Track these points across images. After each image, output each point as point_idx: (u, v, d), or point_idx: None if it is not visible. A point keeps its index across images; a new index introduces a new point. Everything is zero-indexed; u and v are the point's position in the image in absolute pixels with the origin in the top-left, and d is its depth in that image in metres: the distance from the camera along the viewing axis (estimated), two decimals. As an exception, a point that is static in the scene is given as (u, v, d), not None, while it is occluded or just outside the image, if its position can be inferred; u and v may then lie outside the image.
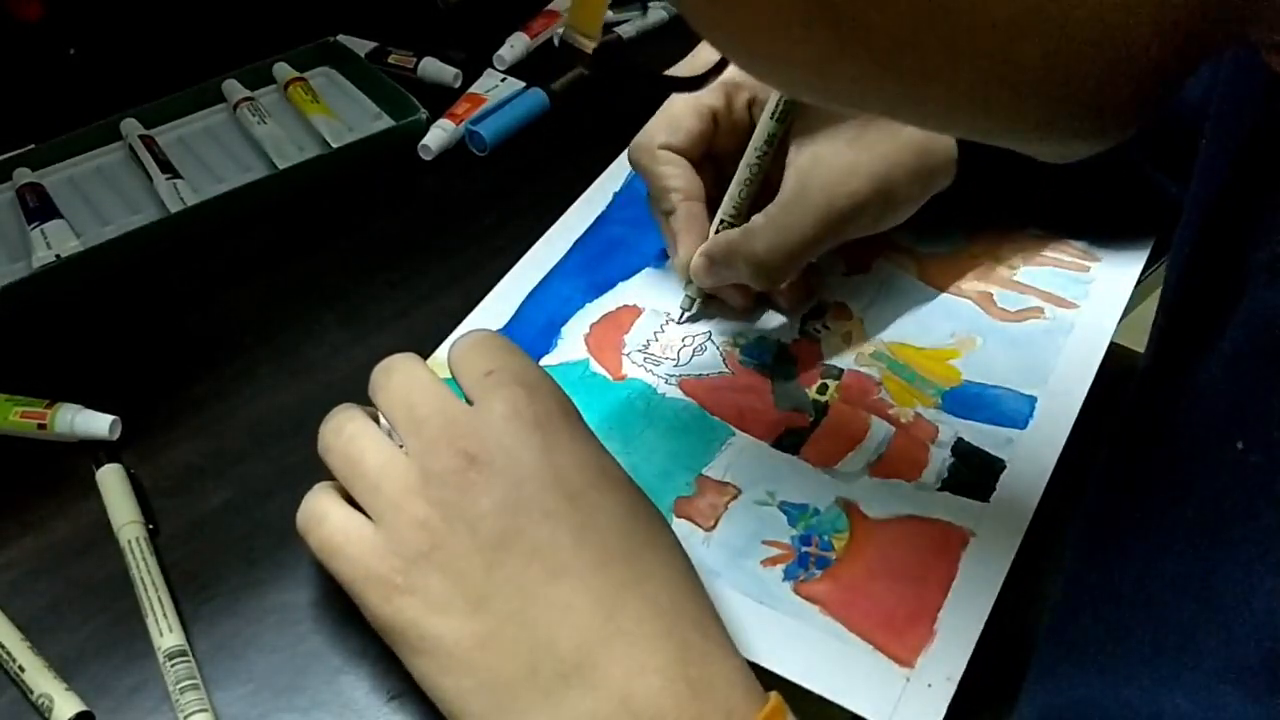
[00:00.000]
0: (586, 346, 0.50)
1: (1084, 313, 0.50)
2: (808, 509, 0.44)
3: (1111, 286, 0.51)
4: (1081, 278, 0.52)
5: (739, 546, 0.42)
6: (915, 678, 0.38)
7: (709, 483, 0.45)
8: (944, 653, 0.39)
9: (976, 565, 0.41)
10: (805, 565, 0.42)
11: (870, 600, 0.41)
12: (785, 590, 0.41)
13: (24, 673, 0.39)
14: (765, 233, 0.46)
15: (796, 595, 0.41)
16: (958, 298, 0.51)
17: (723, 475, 0.45)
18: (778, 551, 0.42)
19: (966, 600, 0.40)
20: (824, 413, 0.47)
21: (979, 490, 0.44)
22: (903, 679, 0.38)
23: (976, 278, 0.52)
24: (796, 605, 0.40)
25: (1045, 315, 0.50)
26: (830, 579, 0.41)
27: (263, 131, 0.61)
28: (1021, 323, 0.50)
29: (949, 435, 0.46)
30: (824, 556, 0.42)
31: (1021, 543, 0.42)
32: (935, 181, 0.48)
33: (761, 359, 0.49)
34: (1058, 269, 0.52)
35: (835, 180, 0.46)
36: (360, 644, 0.41)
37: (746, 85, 0.49)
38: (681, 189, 0.49)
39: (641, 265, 0.53)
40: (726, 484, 0.44)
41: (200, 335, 0.52)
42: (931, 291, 0.52)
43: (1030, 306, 0.51)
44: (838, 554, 0.42)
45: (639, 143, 0.50)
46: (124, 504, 0.44)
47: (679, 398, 0.47)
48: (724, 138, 0.50)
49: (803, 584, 0.41)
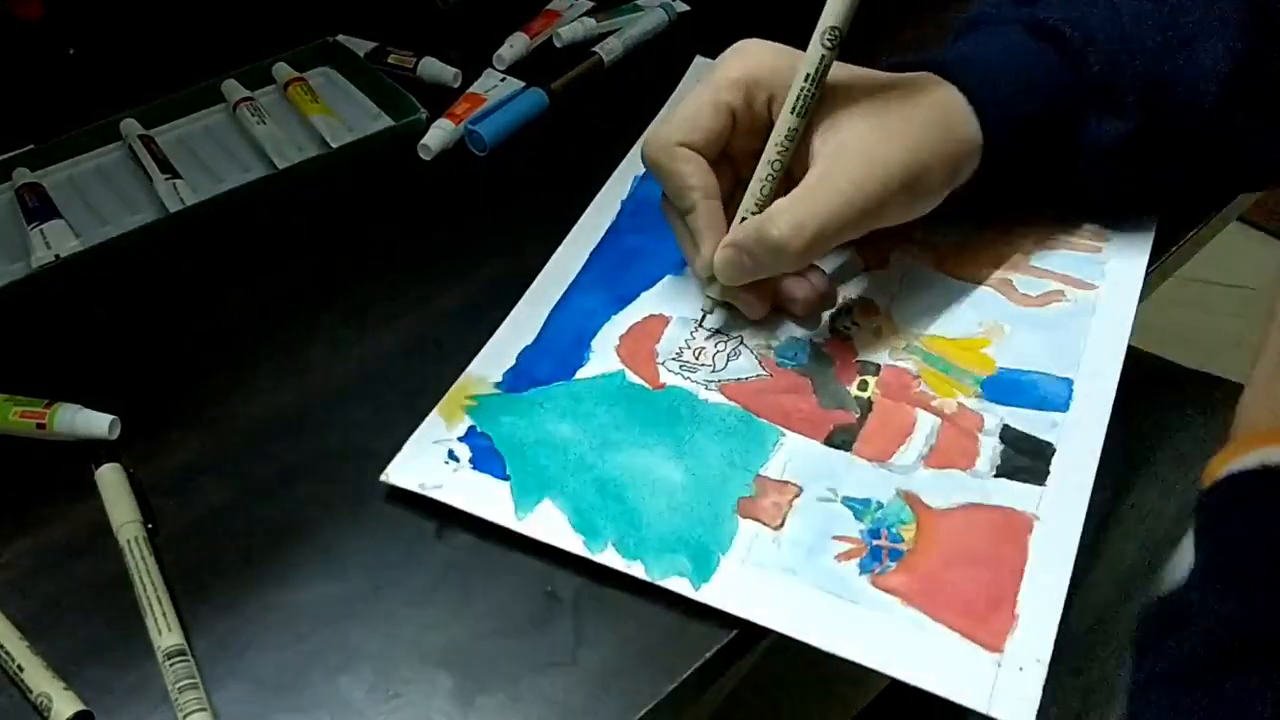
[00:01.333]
0: (619, 358, 0.49)
1: (1103, 293, 0.51)
2: (871, 503, 0.44)
3: (1126, 264, 0.52)
4: (1095, 258, 0.52)
5: (810, 544, 0.42)
6: (1006, 662, 0.39)
7: (769, 483, 0.44)
8: (1029, 635, 0.39)
9: (1045, 548, 0.42)
10: (879, 558, 0.42)
11: (949, 589, 0.41)
12: (864, 584, 0.41)
13: (23, 672, 0.39)
14: (788, 213, 0.45)
15: (875, 588, 0.41)
16: (980, 286, 0.52)
17: (781, 475, 0.45)
18: (849, 546, 0.42)
19: (1042, 583, 0.41)
20: (869, 409, 0.47)
21: (1034, 475, 0.44)
22: (994, 664, 0.39)
23: (994, 265, 0.53)
24: (877, 598, 0.41)
25: (1066, 298, 0.51)
26: (906, 570, 0.41)
27: (262, 131, 0.61)
28: (1044, 307, 0.51)
29: (994, 423, 0.46)
30: (895, 549, 0.42)
31: None
32: (962, 170, 0.48)
33: (798, 360, 0.49)
34: (1071, 251, 0.53)
35: (864, 168, 0.45)
36: (360, 643, 0.41)
37: (765, 83, 0.48)
38: (701, 187, 0.48)
39: (662, 273, 0.53)
40: (787, 483, 0.44)
41: (200, 335, 0.52)
42: (952, 281, 0.52)
43: (1050, 290, 0.51)
44: (908, 545, 0.42)
45: (655, 140, 0.48)
46: (123, 503, 0.44)
47: (723, 402, 0.47)
48: (741, 137, 0.49)
49: (879, 577, 0.41)
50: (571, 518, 0.43)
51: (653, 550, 0.42)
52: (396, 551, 0.43)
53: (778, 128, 0.47)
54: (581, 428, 0.46)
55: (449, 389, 0.48)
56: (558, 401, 0.47)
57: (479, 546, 0.43)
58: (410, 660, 0.40)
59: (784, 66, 0.47)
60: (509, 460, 0.45)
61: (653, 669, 0.39)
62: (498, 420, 0.46)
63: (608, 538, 0.42)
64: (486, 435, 0.46)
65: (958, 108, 0.48)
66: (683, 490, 0.44)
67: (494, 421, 0.46)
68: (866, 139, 0.46)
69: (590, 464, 0.45)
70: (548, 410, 0.47)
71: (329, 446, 0.46)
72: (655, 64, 0.50)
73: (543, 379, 0.48)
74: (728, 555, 0.42)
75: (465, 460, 0.45)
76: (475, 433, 0.46)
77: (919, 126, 0.47)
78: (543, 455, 0.45)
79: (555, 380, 0.48)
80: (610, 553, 0.42)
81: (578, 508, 0.43)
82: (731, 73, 0.48)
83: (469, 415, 0.47)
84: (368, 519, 0.44)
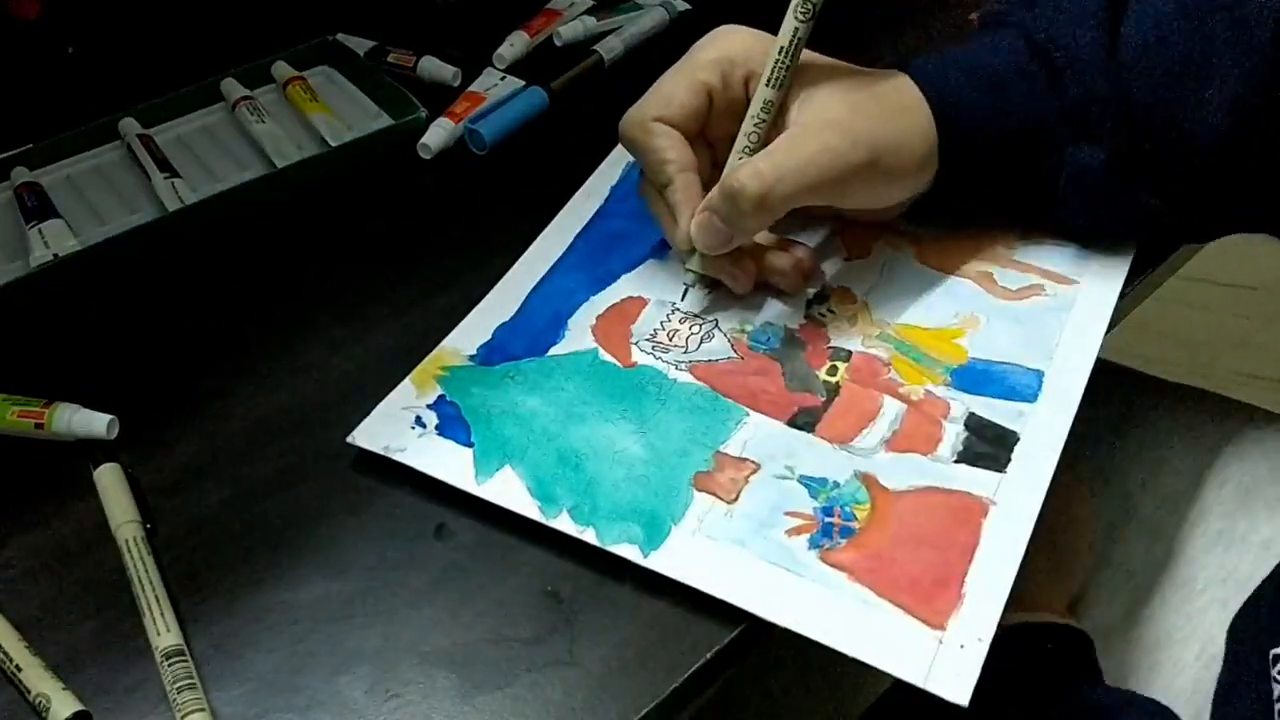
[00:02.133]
0: (594, 337, 0.50)
1: (1084, 288, 0.51)
2: (827, 482, 0.44)
3: (1109, 261, 0.52)
4: (1079, 253, 0.52)
5: (762, 518, 0.43)
6: (948, 639, 0.39)
7: (727, 459, 0.45)
8: (974, 614, 0.40)
9: (999, 532, 0.42)
10: (830, 534, 0.42)
11: (897, 566, 0.41)
12: (811, 558, 0.41)
13: (21, 672, 0.39)
14: (748, 164, 0.46)
15: (823, 563, 0.41)
16: (959, 278, 0.52)
17: (740, 452, 0.45)
18: (801, 522, 0.42)
19: (992, 565, 0.41)
20: (835, 393, 0.47)
21: (995, 462, 0.44)
22: (935, 640, 0.39)
23: (976, 258, 0.53)
24: (824, 572, 0.41)
25: (1046, 292, 0.51)
26: (855, 547, 0.42)
27: (261, 130, 0.61)
28: (1023, 300, 0.51)
29: (960, 411, 0.46)
30: (847, 526, 0.42)
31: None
32: (926, 168, 0.48)
33: (770, 344, 0.49)
34: (1055, 245, 0.53)
35: (831, 134, 0.46)
36: (359, 644, 0.41)
37: (742, 62, 0.48)
38: (676, 160, 0.48)
39: (644, 257, 0.53)
40: (745, 460, 0.45)
41: (198, 334, 0.52)
42: (932, 273, 0.52)
43: (1031, 284, 0.51)
44: (861, 523, 0.42)
45: (631, 117, 0.49)
46: (122, 503, 0.44)
47: (691, 382, 0.48)
48: (719, 118, 0.49)
49: (829, 552, 0.41)
50: (530, 485, 0.43)
51: (605, 518, 0.42)
52: (396, 551, 0.43)
53: (754, 100, 0.47)
54: (549, 401, 0.47)
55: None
56: (528, 375, 0.48)
57: (479, 547, 0.43)
58: (410, 660, 0.40)
59: (760, 48, 0.48)
60: (474, 428, 0.46)
61: (653, 669, 0.39)
62: (467, 391, 0.47)
63: (563, 505, 0.43)
64: (454, 404, 0.47)
65: (920, 107, 0.48)
66: (642, 463, 0.44)
67: (464, 392, 0.47)
68: (838, 111, 0.47)
69: (553, 435, 0.45)
70: (517, 383, 0.48)
71: (329, 446, 0.46)
72: (656, 63, 0.50)
73: (517, 354, 0.49)
74: (679, 525, 0.42)
75: (431, 426, 0.46)
76: (444, 401, 0.47)
77: (889, 111, 0.47)
78: (508, 425, 0.46)
79: (528, 356, 0.49)
80: (564, 519, 0.42)
81: (537, 476, 0.44)
82: (709, 53, 0.49)
83: (440, 384, 0.48)
84: (368, 519, 0.44)
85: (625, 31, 0.68)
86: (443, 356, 0.49)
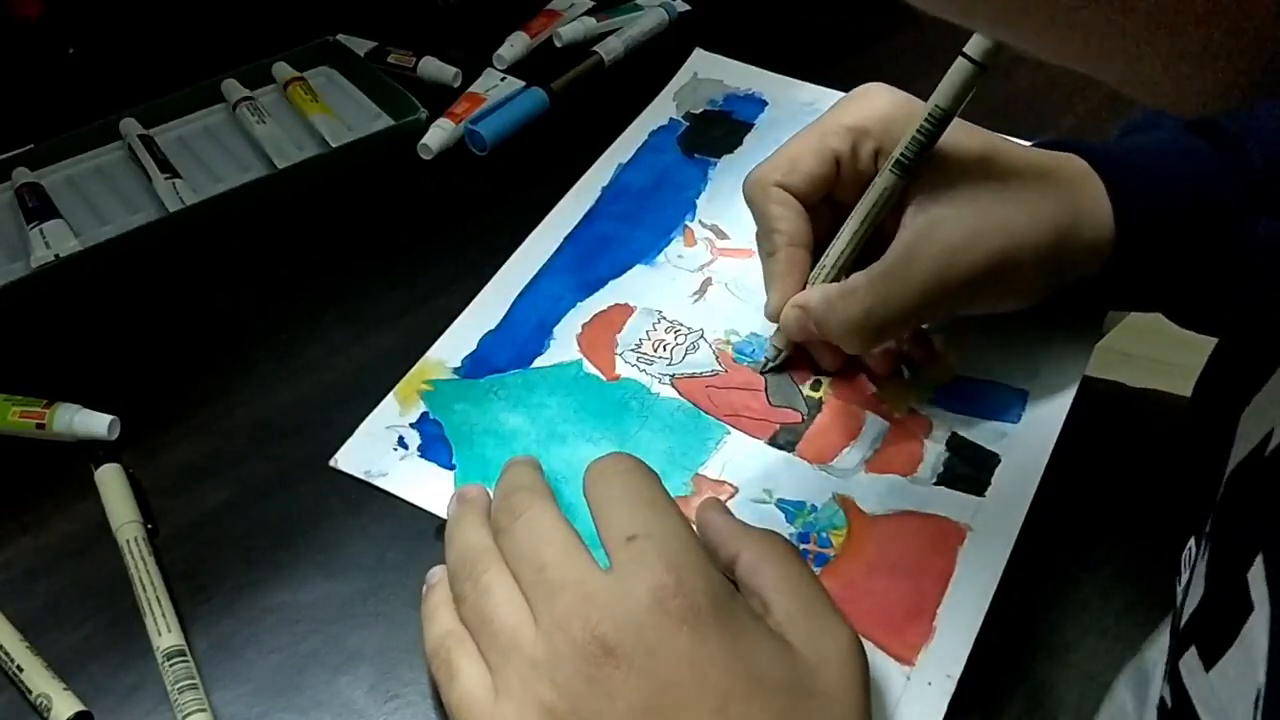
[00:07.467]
0: (579, 347, 0.50)
1: (1070, 307, 0.50)
2: (805, 506, 0.44)
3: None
4: None
5: None
6: (915, 675, 0.39)
7: (705, 482, 0.45)
8: (944, 650, 0.39)
9: (974, 560, 0.42)
10: None
11: (870, 597, 0.41)
12: None
13: (22, 672, 0.39)
14: (864, 296, 0.43)
15: None
16: None
17: (719, 473, 0.45)
18: None
19: (965, 596, 0.41)
20: (818, 409, 0.47)
21: (974, 485, 0.44)
22: (903, 677, 0.39)
23: None
24: None
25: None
26: (829, 576, 0.41)
27: (262, 131, 0.61)
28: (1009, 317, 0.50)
29: (943, 430, 0.46)
30: (822, 553, 0.42)
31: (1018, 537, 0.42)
32: (1071, 270, 0.45)
33: (755, 356, 0.49)
34: None
35: (950, 251, 0.43)
36: (360, 644, 0.41)
37: (877, 133, 0.45)
38: (787, 232, 0.46)
39: (632, 262, 0.53)
40: (723, 482, 0.45)
41: (199, 335, 0.52)
42: None
43: None
44: (836, 550, 0.42)
45: (753, 176, 0.47)
46: (123, 504, 0.44)
47: (673, 397, 0.48)
48: (846, 186, 0.46)
49: None
50: None
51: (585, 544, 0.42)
52: (396, 551, 0.43)
53: (874, 183, 0.44)
54: (531, 419, 0.47)
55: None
56: (512, 390, 0.48)
57: (479, 547, 0.43)
58: (410, 660, 0.40)
59: (899, 118, 0.44)
60: (456, 449, 0.46)
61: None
62: (451, 408, 0.47)
63: None
64: (438, 423, 0.47)
65: (1095, 197, 0.44)
66: None
67: (447, 409, 0.47)
68: (965, 220, 0.43)
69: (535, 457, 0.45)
70: (501, 399, 0.47)
71: (329, 446, 0.46)
72: (656, 64, 0.50)
73: (501, 366, 0.49)
74: None
75: (414, 448, 0.46)
76: (428, 419, 0.47)
77: (1028, 213, 0.43)
78: (490, 446, 0.46)
79: (513, 368, 0.49)
80: None
81: None
82: (844, 118, 0.46)
83: (424, 400, 0.48)
84: (368, 519, 0.44)
85: (625, 32, 0.68)
86: (427, 369, 0.49)
